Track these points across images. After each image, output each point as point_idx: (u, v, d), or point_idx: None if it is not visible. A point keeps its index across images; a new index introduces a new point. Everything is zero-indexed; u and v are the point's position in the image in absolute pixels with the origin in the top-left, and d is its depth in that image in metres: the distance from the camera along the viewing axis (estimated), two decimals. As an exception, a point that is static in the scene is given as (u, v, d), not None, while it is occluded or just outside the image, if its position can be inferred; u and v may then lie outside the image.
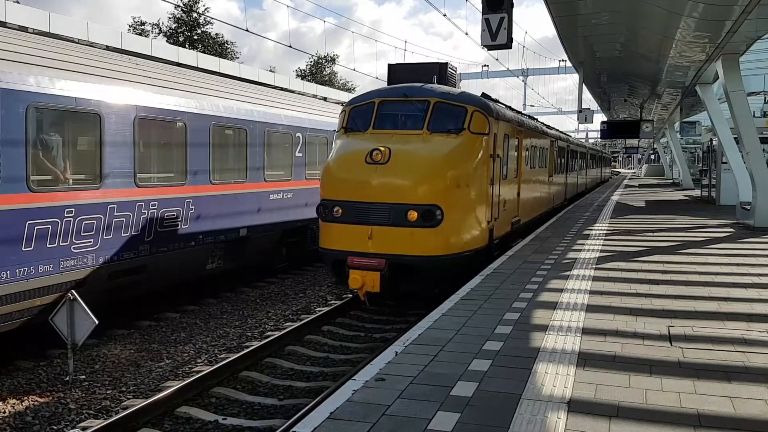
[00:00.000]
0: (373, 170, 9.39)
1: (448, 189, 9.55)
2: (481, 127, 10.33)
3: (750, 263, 10.74)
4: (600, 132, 32.62)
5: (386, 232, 9.31)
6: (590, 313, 7.21)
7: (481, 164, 10.29)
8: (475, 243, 10.21)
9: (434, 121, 10.08)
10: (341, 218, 9.64)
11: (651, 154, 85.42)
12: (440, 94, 10.40)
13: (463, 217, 9.86)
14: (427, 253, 9.33)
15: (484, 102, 10.87)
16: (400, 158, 9.46)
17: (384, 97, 10.65)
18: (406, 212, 9.25)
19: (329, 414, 4.36)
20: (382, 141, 9.70)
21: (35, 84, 8.13)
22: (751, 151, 16.61)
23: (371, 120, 10.36)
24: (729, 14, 13.01)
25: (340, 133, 10.77)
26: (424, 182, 9.41)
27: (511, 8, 9.71)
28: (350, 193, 9.56)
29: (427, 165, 9.58)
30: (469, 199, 10.00)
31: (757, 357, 5.66)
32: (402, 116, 10.52)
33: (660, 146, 67.60)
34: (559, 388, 4.86)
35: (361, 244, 9.40)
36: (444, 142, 9.88)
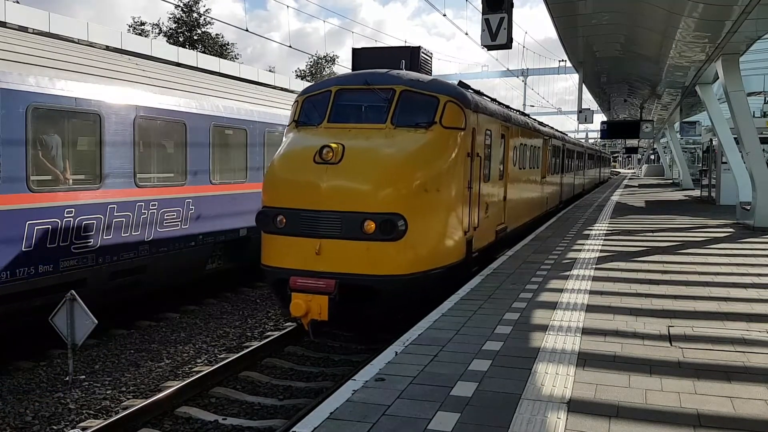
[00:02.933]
0: (322, 172, 7.85)
1: (413, 194, 8.03)
2: (456, 120, 8.88)
3: (750, 263, 10.74)
4: (600, 132, 32.60)
5: (338, 246, 7.77)
6: (590, 313, 7.21)
7: (456, 164, 8.79)
8: (448, 257, 8.68)
9: (400, 113, 8.59)
10: (285, 229, 8.06)
11: (651, 154, 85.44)
12: (407, 81, 8.92)
13: (432, 227, 8.39)
14: (387, 271, 7.79)
15: (459, 91, 9.39)
16: (356, 157, 7.96)
17: (342, 85, 9.10)
18: (361, 222, 7.68)
19: (329, 414, 4.36)
20: (336, 136, 8.25)
21: (35, 84, 8.13)
22: (751, 151, 16.62)
23: (326, 112, 8.83)
24: (729, 14, 13.01)
25: (291, 127, 9.20)
26: (383, 186, 7.89)
27: (511, 8, 9.70)
28: (295, 200, 8.01)
29: (388, 165, 8.05)
30: (440, 205, 8.51)
31: (757, 357, 5.66)
32: (362, 107, 9.02)
33: (660, 146, 67.61)
34: (558, 388, 4.86)
35: (308, 260, 7.83)
36: (410, 138, 8.38)
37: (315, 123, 8.87)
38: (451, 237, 8.80)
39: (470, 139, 9.25)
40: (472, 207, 9.50)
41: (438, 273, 8.41)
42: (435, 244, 8.49)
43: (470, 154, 9.24)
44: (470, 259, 9.58)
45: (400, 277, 7.87)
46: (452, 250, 8.85)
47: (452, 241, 8.83)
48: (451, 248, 8.83)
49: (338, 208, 7.78)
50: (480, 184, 9.92)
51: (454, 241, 8.89)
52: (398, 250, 7.84)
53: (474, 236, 9.67)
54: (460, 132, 8.92)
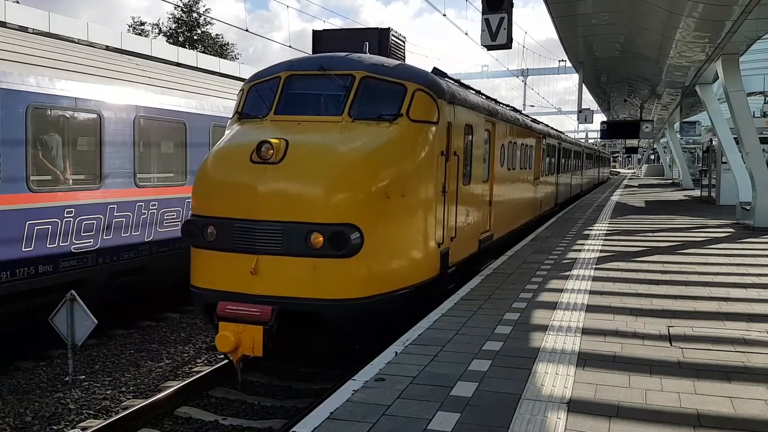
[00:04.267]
0: (259, 173, 6.61)
1: (371, 200, 6.80)
2: (427, 112, 7.67)
3: (750, 263, 10.74)
4: (600, 132, 32.59)
5: (278, 264, 6.52)
6: (590, 313, 7.21)
7: (427, 164, 7.58)
8: (415, 275, 7.43)
9: (360, 104, 7.41)
10: (215, 243, 6.80)
11: (651, 154, 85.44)
12: (369, 66, 7.69)
13: (394, 239, 7.12)
14: (338, 294, 6.53)
15: (431, 79, 8.06)
16: (301, 155, 6.70)
17: (292, 71, 7.84)
18: (306, 235, 6.44)
19: (329, 414, 4.36)
20: (281, 131, 7.07)
21: (35, 84, 8.14)
22: (751, 151, 16.63)
23: (273, 101, 7.62)
24: (729, 14, 13.02)
25: (233, 120, 7.98)
26: (334, 190, 6.63)
27: (510, 8, 9.68)
28: (227, 207, 6.78)
29: (341, 165, 6.78)
30: (406, 213, 7.27)
31: (757, 357, 5.66)
32: (316, 97, 7.84)
33: (660, 146, 67.63)
34: (558, 388, 4.86)
35: (241, 281, 6.56)
36: (371, 133, 7.18)
37: (260, 115, 7.62)
38: (419, 250, 7.58)
39: (445, 135, 8.04)
40: (447, 214, 8.23)
41: (403, 294, 7.14)
42: (399, 259, 7.25)
43: (445, 152, 8.01)
44: (446, 275, 8.25)
45: (353, 301, 6.59)
46: (421, 265, 7.61)
47: (421, 256, 7.61)
48: (420, 264, 7.59)
49: (278, 217, 6.54)
50: (458, 187, 8.69)
51: (424, 254, 7.66)
52: (352, 268, 6.58)
53: (451, 248, 8.44)
54: (432, 126, 7.70)
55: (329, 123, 7.29)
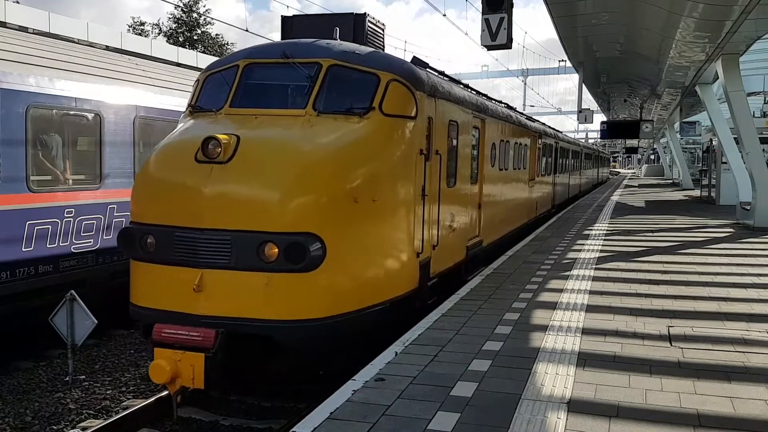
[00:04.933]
0: (205, 174, 5.80)
1: (335, 205, 5.99)
2: (403, 106, 6.92)
3: (750, 263, 10.74)
4: (600, 132, 32.61)
5: (225, 280, 5.70)
6: (590, 313, 7.21)
7: (402, 164, 6.86)
8: (390, 290, 6.68)
9: (326, 95, 6.66)
10: (154, 255, 6.02)
11: (651, 154, 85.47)
12: (338, 53, 6.95)
13: (363, 250, 6.34)
14: (296, 315, 5.73)
15: (408, 69, 7.30)
16: (253, 154, 5.91)
17: (252, 59, 7.10)
18: (258, 246, 5.63)
19: (329, 414, 4.36)
20: (235, 125, 6.32)
21: (35, 84, 8.14)
22: (751, 151, 16.64)
23: (229, 93, 6.87)
24: (729, 14, 13.02)
25: (185, 114, 7.21)
26: (291, 194, 5.80)
27: (510, 8, 9.68)
28: (168, 213, 5.94)
29: (300, 165, 5.94)
30: (377, 220, 6.49)
31: (757, 357, 5.66)
32: (278, 88, 7.06)
33: (660, 146, 67.65)
34: (558, 388, 4.86)
35: (183, 300, 5.75)
36: (337, 129, 6.41)
37: (214, 108, 6.85)
38: (394, 261, 6.82)
39: (425, 131, 7.31)
40: (428, 220, 7.49)
41: (374, 312, 6.36)
42: (369, 273, 6.45)
43: (425, 151, 7.28)
44: (426, 287, 7.48)
45: (314, 322, 5.78)
46: (397, 278, 6.83)
47: (396, 267, 6.86)
48: (395, 276, 6.83)
49: (226, 225, 5.70)
50: (441, 189, 7.94)
51: (400, 266, 6.90)
52: (312, 284, 5.76)
53: (432, 257, 7.71)
54: (408, 122, 6.96)
55: (291, 117, 6.51)
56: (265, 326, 5.70)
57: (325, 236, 5.78)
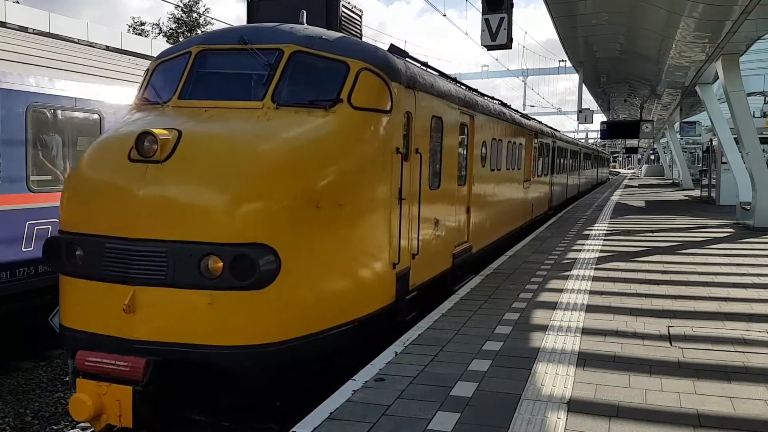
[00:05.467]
0: (139, 175, 5.06)
1: (292, 212, 5.22)
2: (376, 98, 6.21)
3: (750, 263, 10.74)
4: (600, 132, 32.62)
5: (161, 298, 4.96)
6: (590, 313, 7.21)
7: (374, 164, 6.14)
8: (360, 307, 5.93)
9: (287, 85, 5.93)
10: (83, 270, 5.25)
11: (651, 154, 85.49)
12: (302, 38, 6.21)
13: (327, 262, 5.54)
14: (244, 339, 4.99)
15: (382, 57, 6.57)
16: (196, 152, 5.18)
17: (206, 45, 6.39)
18: (199, 259, 4.89)
19: (329, 414, 4.36)
20: (181, 119, 5.58)
21: (35, 84, 8.14)
22: (751, 151, 16.64)
23: (179, 83, 6.14)
24: (729, 14, 13.03)
25: (132, 107, 6.45)
26: (238, 198, 5.05)
27: (511, 8, 9.68)
28: (98, 221, 5.18)
29: (250, 165, 5.22)
30: (343, 227, 5.73)
31: (757, 357, 5.66)
32: (234, 77, 6.33)
33: (660, 146, 67.65)
34: (558, 388, 4.86)
35: (114, 322, 4.98)
36: (298, 123, 5.70)
37: (161, 100, 6.15)
38: (364, 274, 6.10)
39: (402, 127, 6.64)
40: (406, 226, 6.83)
41: (340, 333, 5.61)
42: (334, 288, 5.67)
43: (403, 149, 6.62)
44: (403, 302, 6.73)
45: (267, 348, 5.03)
46: (367, 293, 6.11)
47: (367, 281, 6.13)
48: (366, 291, 6.10)
49: (162, 235, 4.96)
50: (421, 192, 7.25)
51: (372, 279, 6.19)
52: (264, 303, 5.02)
53: (412, 267, 7.03)
54: (382, 116, 6.26)
55: (246, 110, 5.76)
56: (209, 353, 4.93)
57: (279, 247, 5.04)
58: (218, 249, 4.92)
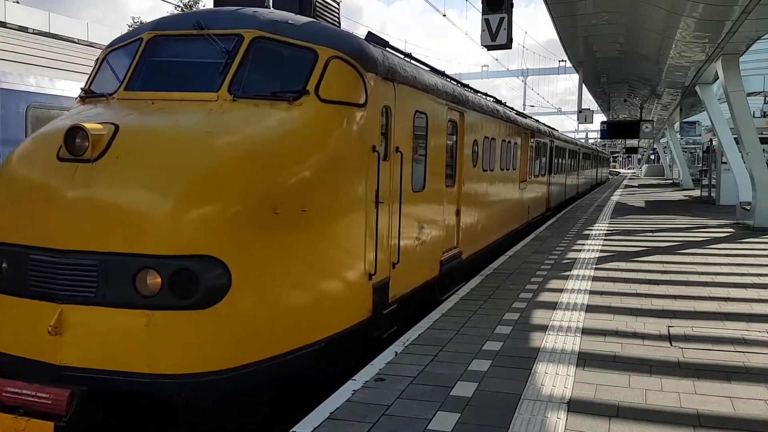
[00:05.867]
0: (68, 176, 4.47)
1: (245, 218, 4.59)
2: (348, 90, 5.64)
3: (750, 263, 10.74)
4: (600, 132, 32.62)
5: (91, 319, 4.34)
6: (590, 313, 7.21)
7: (346, 164, 5.53)
8: (328, 325, 5.31)
9: (247, 75, 5.33)
10: (5, 284, 4.66)
11: (651, 154, 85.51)
12: (266, 23, 5.61)
13: (288, 275, 4.89)
14: (187, 367, 4.35)
15: (357, 45, 6.00)
16: (133, 149, 4.57)
17: (160, 31, 5.78)
18: (135, 274, 4.30)
19: (329, 414, 4.36)
20: (123, 113, 5.01)
21: (35, 84, 8.14)
22: (751, 151, 16.64)
23: (127, 72, 5.54)
24: (729, 14, 13.03)
25: (77, 101, 5.91)
26: (180, 203, 4.41)
27: (510, 8, 9.68)
28: (22, 229, 4.59)
29: (194, 165, 4.57)
30: (308, 235, 5.06)
31: (757, 357, 5.66)
32: (189, 66, 5.65)
33: (660, 146, 67.67)
34: (558, 388, 4.86)
35: (38, 345, 4.38)
36: (257, 117, 5.11)
37: (108, 92, 5.53)
38: (334, 288, 5.47)
39: (379, 123, 6.09)
40: (384, 232, 6.26)
41: (304, 355, 4.97)
42: (295, 305, 4.99)
43: (381, 147, 6.08)
44: (381, 316, 6.14)
45: (215, 376, 4.39)
46: (338, 309, 5.48)
47: (338, 295, 5.51)
48: (336, 307, 5.47)
49: (92, 246, 4.35)
50: (403, 194, 6.73)
51: (343, 292, 5.58)
52: (211, 324, 4.39)
53: (392, 277, 6.48)
54: (356, 110, 5.67)
55: (198, 102, 5.15)
56: (146, 383, 4.26)
57: (229, 259, 4.41)
58: (156, 262, 4.29)
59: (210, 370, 4.38)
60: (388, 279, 6.42)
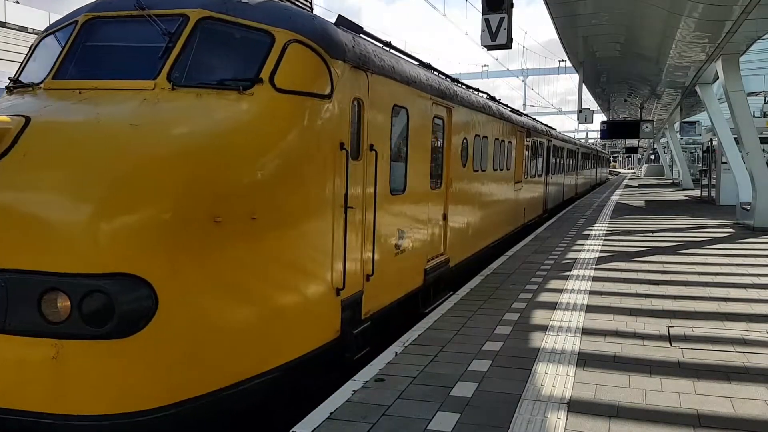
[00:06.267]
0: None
1: (176, 229, 3.92)
2: (309, 79, 5.00)
3: (750, 263, 10.74)
4: (600, 132, 32.63)
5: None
6: (590, 313, 7.21)
7: (306, 165, 4.87)
8: (288, 349, 4.73)
9: (191, 61, 4.72)
10: None
11: (651, 154, 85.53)
12: (214, 3, 5.03)
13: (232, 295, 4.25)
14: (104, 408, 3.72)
15: (320, 27, 5.31)
16: (43, 146, 3.99)
17: (96, 12, 5.20)
18: (40, 296, 3.68)
19: (329, 414, 4.36)
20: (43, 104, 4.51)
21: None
22: (751, 151, 16.65)
23: (57, 59, 4.99)
24: (729, 14, 13.03)
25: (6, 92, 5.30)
26: (96, 211, 3.77)
27: (511, 8, 9.68)
28: None
29: (115, 165, 3.93)
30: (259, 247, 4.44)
31: (756, 357, 5.66)
32: (127, 51, 5.02)
33: (660, 146, 67.68)
34: (558, 388, 4.86)
35: None
36: (197, 109, 4.49)
37: (37, 81, 4.97)
38: (292, 307, 4.78)
39: (348, 117, 5.45)
40: (357, 241, 5.68)
41: (255, 387, 4.39)
42: (243, 329, 4.34)
43: (350, 145, 5.46)
44: (351, 336, 5.52)
45: (138, 418, 3.76)
46: (299, 331, 4.84)
47: (298, 314, 4.84)
48: (296, 329, 4.82)
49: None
50: (379, 198, 6.13)
51: (305, 311, 4.94)
52: (132, 357, 3.75)
53: (366, 291, 5.91)
54: (319, 102, 5.02)
55: (132, 92, 4.53)
56: (54, 425, 3.63)
57: (155, 278, 3.76)
58: (64, 282, 3.62)
59: (134, 410, 3.72)
60: (361, 293, 5.84)
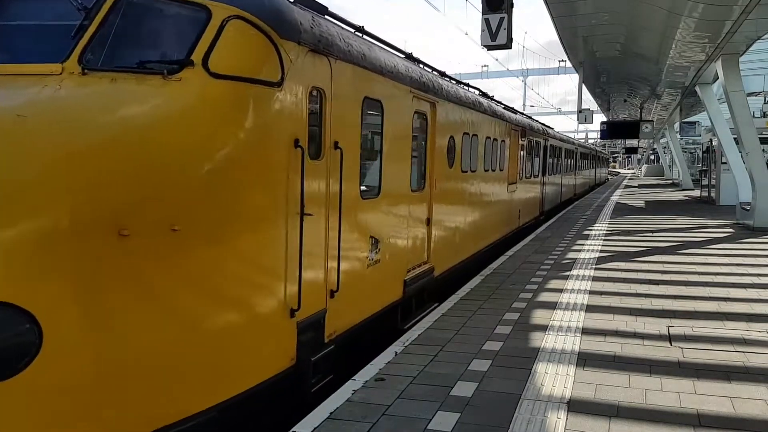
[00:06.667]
0: None
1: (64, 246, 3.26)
2: (253, 63, 4.28)
3: (750, 263, 10.74)
4: (600, 132, 32.64)
5: None
6: (590, 313, 7.21)
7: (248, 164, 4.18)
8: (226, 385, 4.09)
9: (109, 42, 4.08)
10: None
11: (651, 154, 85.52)
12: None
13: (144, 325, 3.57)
14: None
15: (268, 2, 4.53)
16: None
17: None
18: None
19: (329, 414, 4.36)
20: None
21: None
22: (750, 151, 16.65)
23: None
24: (729, 14, 13.03)
25: None
26: None
27: (511, 8, 9.67)
28: None
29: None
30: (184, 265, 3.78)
31: (757, 357, 5.66)
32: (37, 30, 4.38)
33: (660, 147, 67.67)
34: (558, 388, 4.86)
35: None
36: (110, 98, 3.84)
37: None
38: (230, 334, 4.09)
39: (305, 110, 4.74)
40: (319, 252, 5.04)
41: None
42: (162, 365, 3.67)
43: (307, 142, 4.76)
44: (309, 363, 4.87)
45: None
46: (241, 362, 4.21)
47: (239, 342, 4.18)
48: (238, 359, 4.18)
49: None
50: (346, 202, 5.46)
51: (247, 338, 4.26)
52: (10, 404, 3.14)
53: (330, 310, 5.25)
54: (266, 90, 4.32)
55: (34, 77, 3.85)
56: None
57: (37, 307, 3.14)
58: None
59: None
60: (324, 312, 5.16)
